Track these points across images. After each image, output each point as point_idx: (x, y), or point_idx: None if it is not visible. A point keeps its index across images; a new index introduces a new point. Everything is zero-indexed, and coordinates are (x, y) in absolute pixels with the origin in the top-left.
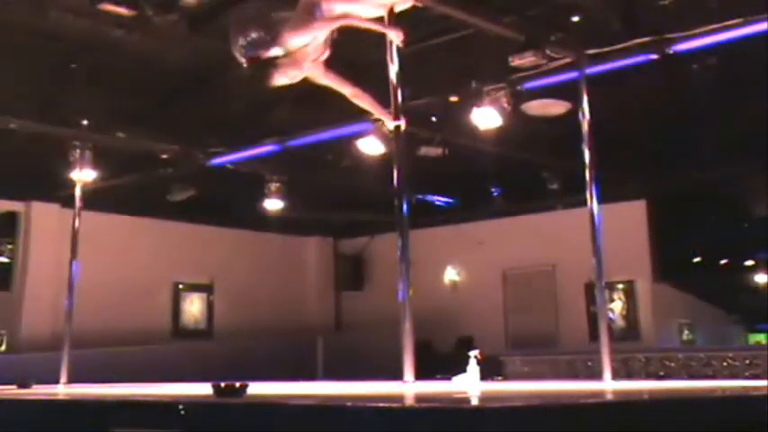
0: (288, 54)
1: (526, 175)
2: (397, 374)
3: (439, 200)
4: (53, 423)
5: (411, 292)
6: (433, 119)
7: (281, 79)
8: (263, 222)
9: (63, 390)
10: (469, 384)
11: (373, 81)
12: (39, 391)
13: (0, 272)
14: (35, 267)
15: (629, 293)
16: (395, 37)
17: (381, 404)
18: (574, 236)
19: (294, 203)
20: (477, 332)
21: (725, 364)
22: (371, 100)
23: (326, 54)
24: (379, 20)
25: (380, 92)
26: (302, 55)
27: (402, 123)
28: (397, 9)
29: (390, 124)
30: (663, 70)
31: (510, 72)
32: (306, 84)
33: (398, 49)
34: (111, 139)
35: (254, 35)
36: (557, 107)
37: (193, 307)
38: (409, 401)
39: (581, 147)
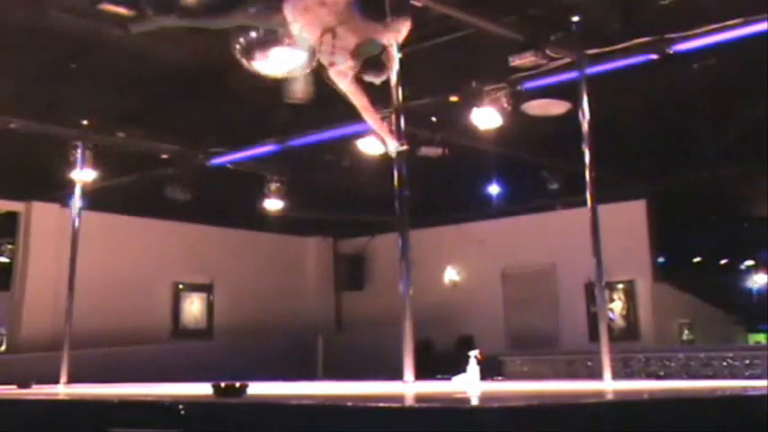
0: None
1: (526, 175)
2: (397, 374)
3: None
4: (53, 423)
5: (411, 291)
6: (433, 119)
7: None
8: (263, 222)
9: (63, 390)
10: (469, 384)
11: (373, 84)
12: (39, 391)
13: (0, 272)
14: (35, 267)
15: (629, 293)
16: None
17: (381, 404)
18: (574, 236)
19: (294, 203)
20: (477, 332)
21: (725, 364)
22: (379, 119)
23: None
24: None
25: (380, 94)
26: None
27: (406, 147)
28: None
29: (392, 146)
30: (663, 70)
31: (510, 72)
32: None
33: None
34: (111, 139)
35: (253, 35)
36: (557, 107)
37: (193, 307)
38: (409, 401)
39: (581, 147)
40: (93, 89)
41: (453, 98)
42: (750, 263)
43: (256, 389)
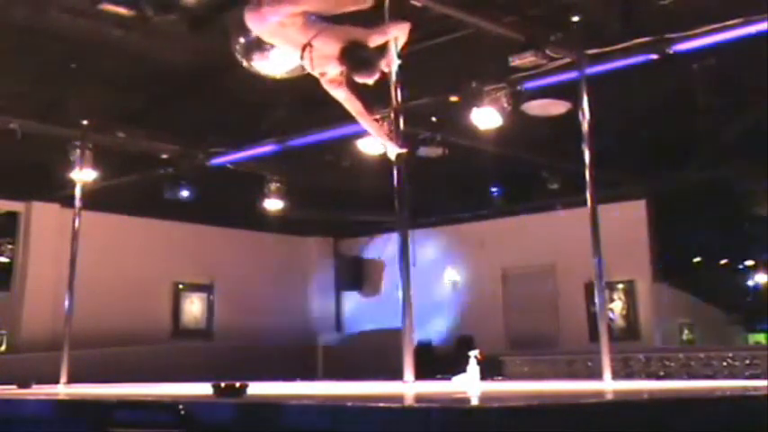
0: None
1: (526, 175)
2: (396, 374)
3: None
4: (53, 423)
5: (411, 292)
6: (433, 119)
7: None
8: (263, 222)
9: (63, 390)
10: (469, 384)
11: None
12: (39, 391)
13: (0, 272)
14: (35, 267)
15: (629, 293)
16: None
17: (381, 404)
18: (574, 236)
19: (294, 203)
20: (477, 332)
21: (725, 364)
22: (376, 123)
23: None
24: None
25: (380, 94)
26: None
27: (405, 150)
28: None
29: (392, 150)
30: (663, 70)
31: (510, 72)
32: (305, 84)
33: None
34: (111, 139)
35: (253, 35)
36: (557, 107)
37: (193, 307)
38: (409, 401)
39: (581, 147)
40: (93, 89)
41: (453, 98)
42: (750, 263)
43: (256, 389)
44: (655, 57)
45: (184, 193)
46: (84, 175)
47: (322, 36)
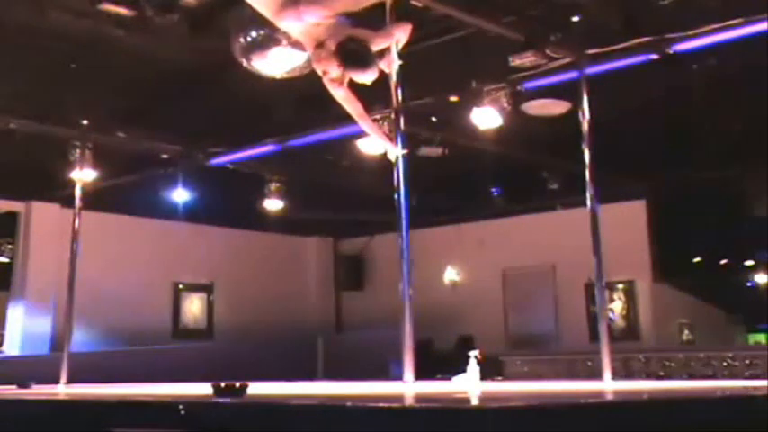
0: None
1: (526, 175)
2: (397, 374)
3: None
4: (53, 423)
5: (411, 291)
6: (433, 119)
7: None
8: (263, 222)
9: (63, 390)
10: (469, 384)
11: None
12: (39, 391)
13: (0, 272)
14: (35, 267)
15: (629, 293)
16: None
17: (381, 404)
18: (574, 236)
19: (294, 203)
20: (477, 332)
21: (725, 364)
22: (376, 125)
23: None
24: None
25: (380, 94)
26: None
27: (406, 151)
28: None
29: (392, 152)
30: (663, 70)
31: (510, 72)
32: (305, 84)
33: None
34: (111, 139)
35: (253, 35)
36: (557, 107)
37: (193, 307)
38: (409, 401)
39: (581, 147)
40: (93, 89)
41: (453, 98)
42: (750, 263)
43: (256, 389)
44: (655, 57)
45: (184, 194)
46: (84, 175)
47: (335, 36)
